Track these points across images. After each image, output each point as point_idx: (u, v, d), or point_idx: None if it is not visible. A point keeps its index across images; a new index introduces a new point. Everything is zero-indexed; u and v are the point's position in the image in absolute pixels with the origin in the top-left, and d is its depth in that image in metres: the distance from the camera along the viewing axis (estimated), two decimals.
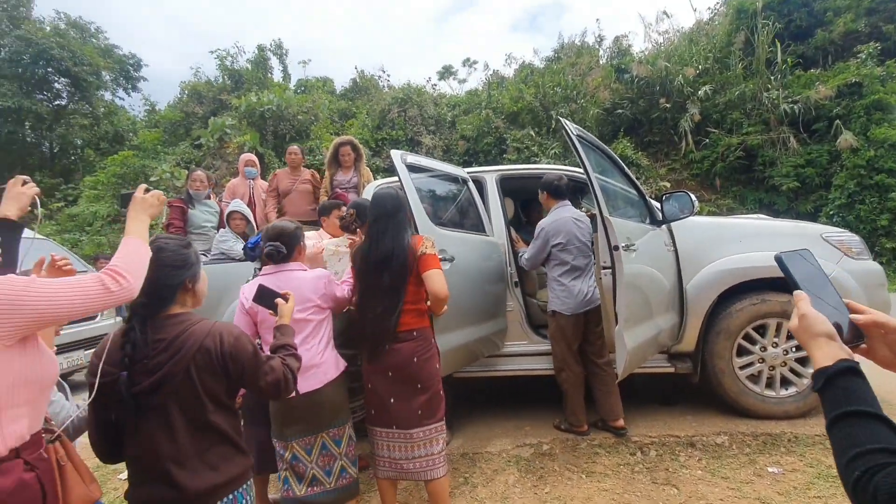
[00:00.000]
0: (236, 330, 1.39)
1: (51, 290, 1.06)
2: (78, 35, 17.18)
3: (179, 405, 1.29)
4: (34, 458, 1.07)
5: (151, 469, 1.30)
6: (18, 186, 1.44)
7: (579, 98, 9.86)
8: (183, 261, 1.38)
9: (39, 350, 1.11)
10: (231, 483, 1.35)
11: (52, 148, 16.37)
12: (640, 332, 2.73)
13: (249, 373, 1.36)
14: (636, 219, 3.10)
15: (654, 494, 2.50)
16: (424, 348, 2.17)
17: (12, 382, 1.02)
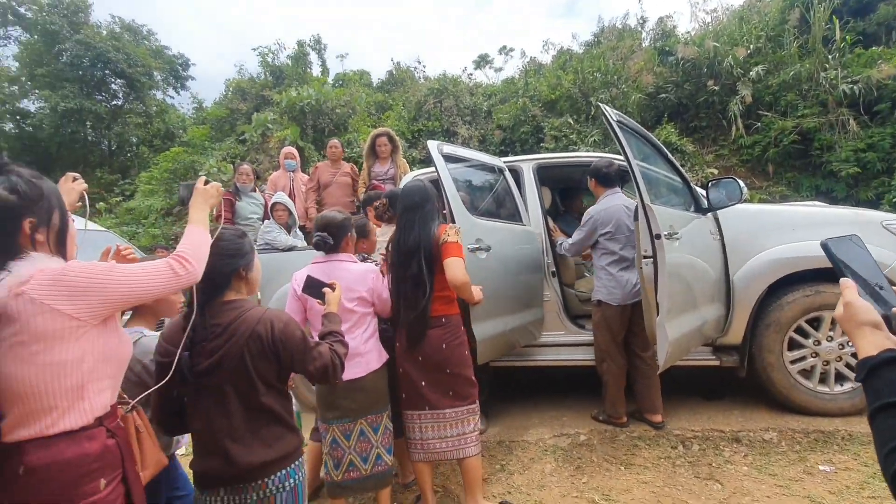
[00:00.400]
0: (285, 317, 1.46)
1: (129, 274, 1.16)
2: (131, 38, 18.09)
3: (234, 386, 1.38)
4: (114, 426, 1.19)
5: (209, 443, 1.40)
6: (69, 183, 1.56)
7: (620, 83, 9.53)
8: (237, 250, 1.46)
9: (118, 331, 1.22)
10: (282, 459, 1.42)
11: (110, 146, 17.38)
12: (683, 323, 2.65)
13: (298, 358, 1.43)
14: (680, 207, 3.00)
15: (696, 489, 2.44)
16: (453, 335, 2.23)
17: (97, 358, 1.12)
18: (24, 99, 17.18)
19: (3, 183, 1.08)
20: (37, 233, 1.12)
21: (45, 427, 1.04)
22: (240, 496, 1.37)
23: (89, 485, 1.08)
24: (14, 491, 1.02)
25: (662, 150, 3.09)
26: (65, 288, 1.06)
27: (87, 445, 1.09)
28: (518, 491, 2.54)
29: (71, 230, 1.24)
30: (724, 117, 8.40)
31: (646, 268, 2.62)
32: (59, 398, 1.06)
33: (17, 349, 1.02)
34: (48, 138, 16.03)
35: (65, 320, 1.05)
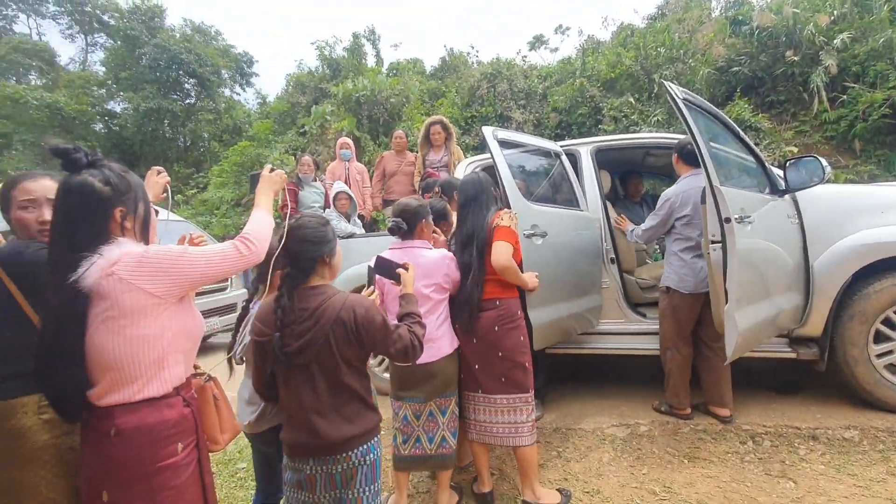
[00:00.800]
0: (367, 302, 1.54)
1: (200, 255, 1.27)
2: (201, 39, 19.26)
3: (320, 366, 1.48)
4: (189, 396, 1.32)
5: (298, 417, 1.51)
6: (154, 177, 1.72)
7: (687, 57, 8.93)
8: (322, 237, 1.56)
9: (192, 309, 1.34)
10: (364, 435, 1.52)
11: (185, 142, 18.71)
12: (754, 312, 2.50)
13: (380, 341, 1.51)
14: (753, 188, 2.81)
15: (766, 486, 2.32)
16: (507, 318, 2.23)
17: (175, 333, 1.24)
18: (111, 101, 18.82)
19: (98, 176, 1.21)
20: (125, 220, 1.24)
21: (132, 394, 1.17)
22: (326, 466, 1.48)
23: (168, 447, 1.20)
24: (107, 449, 1.15)
25: (734, 129, 2.89)
26: (147, 269, 1.17)
27: (166, 412, 1.21)
28: (575, 478, 2.53)
29: (153, 219, 1.37)
30: (804, 90, 7.67)
31: (713, 254, 2.48)
32: (143, 368, 1.18)
33: (109, 323, 1.15)
34: (132, 136, 17.51)
35: (148, 298, 1.17)
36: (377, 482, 1.56)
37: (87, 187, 1.18)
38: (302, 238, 1.51)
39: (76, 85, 18.22)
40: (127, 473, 1.16)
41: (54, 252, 1.19)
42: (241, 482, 2.71)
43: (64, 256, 1.15)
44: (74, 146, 1.23)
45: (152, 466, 1.17)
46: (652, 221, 2.99)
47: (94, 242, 1.17)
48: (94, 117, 17.82)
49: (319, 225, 1.58)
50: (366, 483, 1.52)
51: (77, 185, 1.18)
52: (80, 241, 1.17)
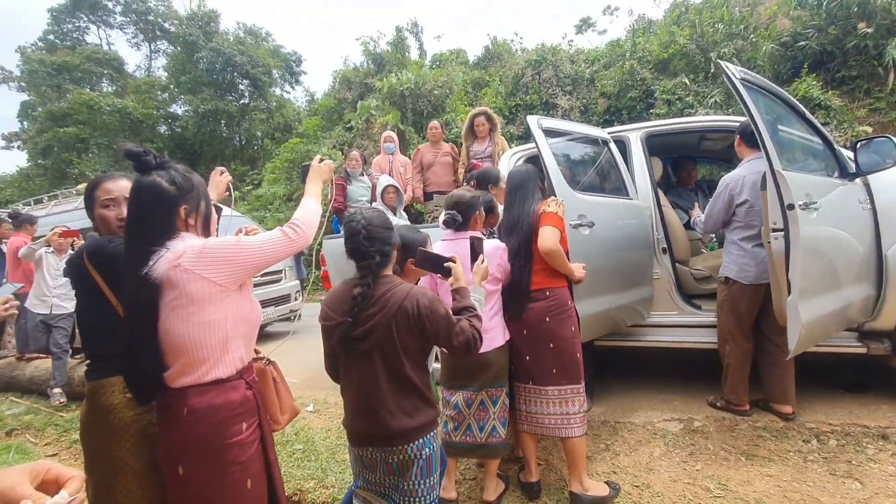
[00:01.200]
0: (430, 294, 1.55)
1: (254, 243, 1.36)
2: (253, 40, 20.06)
3: (381, 355, 1.52)
4: (250, 379, 1.41)
5: (359, 405, 1.56)
6: (217, 176, 1.83)
7: (748, 33, 8.37)
8: (390, 224, 1.62)
9: (251, 297, 1.44)
10: (420, 429, 1.54)
11: (240, 140, 19.66)
12: (820, 304, 2.35)
13: (443, 333, 1.51)
14: (820, 172, 2.63)
15: (830, 486, 2.20)
16: (558, 308, 2.21)
17: (236, 319, 1.33)
18: (173, 104, 20.03)
19: (165, 177, 1.31)
20: (189, 217, 1.34)
21: (201, 375, 1.27)
22: (385, 455, 1.53)
23: (234, 426, 1.30)
24: (181, 427, 1.26)
25: (799, 109, 2.71)
26: (208, 259, 1.26)
27: (231, 394, 1.31)
28: (624, 472, 2.49)
29: (213, 215, 1.47)
30: (879, 64, 7.01)
31: (775, 242, 2.35)
32: (209, 351, 1.28)
33: (178, 311, 1.25)
34: (192, 137, 18.60)
35: (211, 286, 1.26)
36: (433, 476, 1.57)
37: (157, 187, 1.29)
38: (380, 224, 1.56)
39: (142, 90, 19.54)
40: (199, 449, 1.26)
41: (129, 246, 1.30)
42: (297, 462, 2.86)
43: (137, 250, 1.26)
44: (145, 150, 1.33)
45: (221, 443, 1.27)
46: (712, 208, 2.86)
47: (163, 237, 1.27)
48: (158, 120, 19.06)
49: (382, 214, 1.63)
50: (421, 476, 1.54)
51: (148, 185, 1.29)
52: (152, 236, 1.27)
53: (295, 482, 2.59)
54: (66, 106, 17.44)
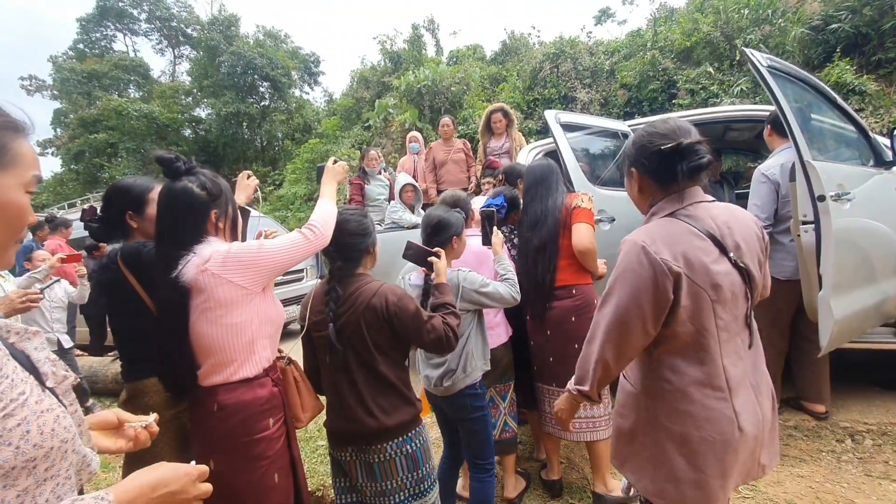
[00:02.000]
0: (399, 291, 1.54)
1: (274, 246, 1.39)
2: (272, 43, 20.36)
3: (355, 353, 1.52)
4: (275, 377, 1.45)
5: (337, 405, 1.56)
6: (245, 180, 1.86)
7: (775, 18, 8.08)
8: (367, 228, 1.61)
9: (274, 299, 1.46)
10: (399, 428, 1.52)
11: (261, 142, 19.99)
12: (855, 299, 2.26)
13: (413, 330, 1.49)
14: (854, 161, 2.52)
15: (865, 488, 2.11)
16: (584, 307, 2.15)
17: (261, 320, 1.37)
18: (197, 108, 20.49)
19: (195, 182, 1.35)
20: (219, 221, 1.38)
21: (229, 374, 1.31)
22: (364, 456, 1.52)
23: (262, 422, 1.34)
24: (212, 423, 1.31)
25: (830, 96, 2.59)
26: (233, 263, 1.30)
27: (259, 391, 1.35)
28: None
29: (240, 220, 1.51)
30: None
31: (805, 235, 2.26)
32: (237, 352, 1.32)
33: (207, 313, 1.29)
34: (216, 139, 19.00)
35: (237, 289, 1.30)
36: (422, 468, 1.56)
37: (189, 192, 1.33)
38: (350, 231, 1.56)
39: (167, 95, 20.05)
40: (229, 444, 1.30)
41: (161, 250, 1.35)
42: (321, 458, 2.91)
43: (170, 254, 1.30)
44: (175, 155, 1.37)
45: (250, 438, 1.31)
46: (758, 200, 2.59)
47: (194, 241, 1.31)
48: (183, 124, 19.53)
49: (361, 217, 1.62)
50: (408, 471, 1.53)
51: (180, 190, 1.33)
52: (184, 240, 1.31)
53: (318, 478, 2.63)
54: (96, 112, 18.04)
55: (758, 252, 1.21)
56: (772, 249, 2.63)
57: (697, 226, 1.15)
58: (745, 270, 1.15)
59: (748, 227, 1.21)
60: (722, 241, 1.14)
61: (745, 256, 1.16)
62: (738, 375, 1.17)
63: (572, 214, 2.14)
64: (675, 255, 1.11)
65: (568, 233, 2.14)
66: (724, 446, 1.13)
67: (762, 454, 1.22)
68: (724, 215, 1.19)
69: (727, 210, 1.22)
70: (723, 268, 1.12)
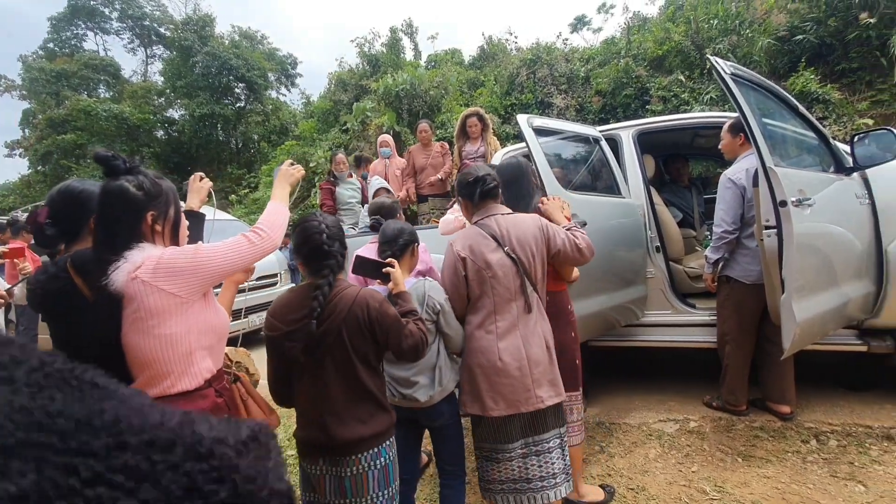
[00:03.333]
0: (379, 296, 1.52)
1: (213, 250, 1.31)
2: (248, 44, 20.04)
3: (333, 361, 1.47)
4: (221, 387, 1.37)
5: (310, 414, 1.50)
6: (197, 182, 1.77)
7: (743, 28, 8.32)
8: (344, 234, 1.59)
9: (216, 306, 1.39)
10: (375, 437, 1.49)
11: (237, 144, 19.63)
12: (817, 302, 2.30)
13: (393, 336, 1.48)
14: (814, 167, 2.59)
15: (831, 489, 2.15)
16: (560, 314, 2.14)
17: (200, 330, 1.29)
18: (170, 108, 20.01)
19: (133, 181, 1.27)
20: (156, 224, 1.30)
21: (166, 388, 1.23)
22: (337, 468, 1.46)
23: None
24: None
25: (792, 103, 2.66)
26: (164, 271, 1.22)
27: (200, 403, 1.27)
28: (619, 474, 2.45)
29: (183, 223, 1.42)
30: (882, 55, 6.95)
31: (767, 240, 2.30)
32: (173, 364, 1.24)
33: (138, 324, 1.21)
34: (189, 141, 18.57)
35: (170, 298, 1.22)
36: (392, 486, 1.52)
37: (124, 192, 1.25)
38: (339, 228, 1.56)
39: (139, 95, 19.51)
40: None
41: (97, 254, 1.27)
42: (291, 468, 2.82)
43: (103, 258, 1.23)
44: (114, 154, 1.29)
45: None
46: (724, 205, 2.67)
47: (127, 245, 1.23)
48: (155, 125, 19.03)
49: (338, 223, 1.60)
50: (379, 488, 1.48)
51: (115, 189, 1.26)
52: (118, 244, 1.23)
53: None
54: (64, 112, 17.42)
55: (531, 246, 1.82)
56: (738, 253, 2.69)
57: (485, 230, 1.85)
58: (517, 258, 1.80)
59: (525, 230, 1.84)
60: (500, 239, 1.81)
61: (517, 250, 1.80)
62: (506, 326, 1.79)
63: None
64: (464, 247, 1.85)
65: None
66: (490, 370, 1.77)
67: (538, 389, 1.77)
68: (507, 222, 1.86)
69: (512, 219, 1.88)
70: (497, 256, 1.80)
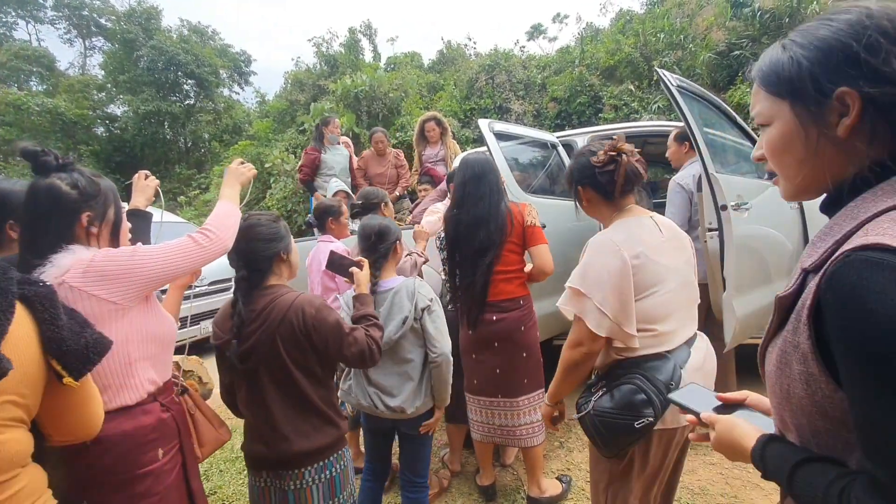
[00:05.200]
0: (318, 302, 1.43)
1: (153, 253, 1.21)
2: (198, 39, 19.24)
3: (269, 372, 1.40)
4: (168, 401, 1.28)
5: (252, 426, 1.46)
6: (143, 180, 1.66)
7: (687, 43, 8.85)
8: (275, 234, 1.47)
9: (160, 313, 1.29)
10: (320, 451, 1.42)
11: (186, 143, 18.75)
12: (754, 299, 2.49)
13: (333, 343, 1.40)
14: (751, 174, 2.79)
15: None
16: (529, 316, 2.19)
17: (141, 338, 1.20)
18: (111, 104, 18.86)
19: (66, 179, 1.16)
20: (92, 226, 1.19)
21: (104, 403, 1.11)
22: (280, 482, 1.41)
23: (148, 454, 1.17)
24: (85, 458, 1.11)
25: (731, 115, 2.87)
26: (95, 275, 1.12)
27: (142, 419, 1.18)
28: (577, 468, 2.54)
29: (124, 225, 1.31)
30: None
31: (710, 241, 2.47)
32: (110, 377, 1.14)
33: None
34: (133, 139, 17.56)
35: (103, 305, 1.12)
36: (339, 496, 1.47)
37: (54, 190, 1.14)
38: (255, 237, 1.43)
39: (76, 89, 18.27)
40: (106, 482, 1.13)
41: (22, 258, 1.15)
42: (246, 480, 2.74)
43: (30, 262, 1.11)
44: (43, 149, 1.18)
45: (132, 473, 1.14)
46: (673, 208, 2.80)
47: (55, 247, 1.12)
48: (94, 121, 17.87)
49: (270, 221, 1.50)
50: (324, 500, 1.43)
51: (44, 188, 1.14)
52: (44, 247, 1.12)
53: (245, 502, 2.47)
54: None
55: None
56: None
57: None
58: None
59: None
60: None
61: None
62: None
63: (528, 232, 2.13)
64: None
65: (515, 245, 2.13)
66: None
67: None
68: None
69: None
70: None
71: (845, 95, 0.57)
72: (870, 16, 0.57)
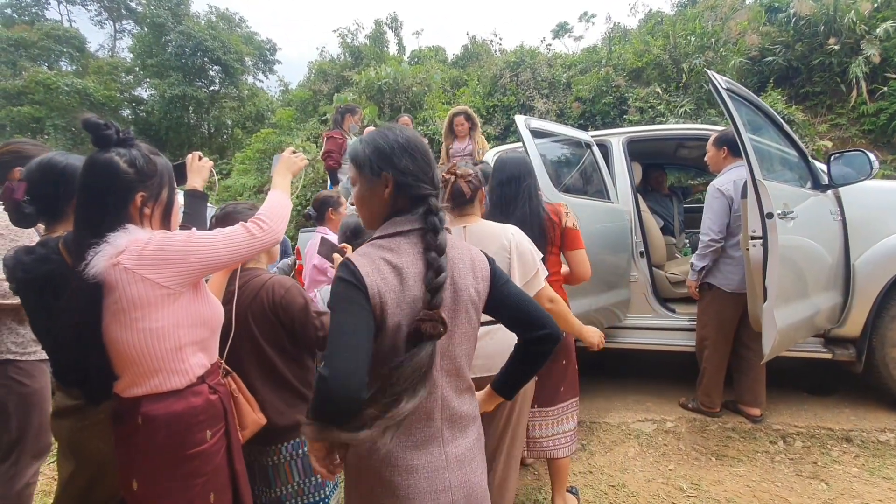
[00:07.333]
0: (288, 283, 1.50)
1: (207, 240, 1.20)
2: (226, 26, 19.39)
3: (245, 350, 1.45)
4: (215, 383, 1.28)
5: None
6: (197, 161, 1.66)
7: (718, 46, 8.66)
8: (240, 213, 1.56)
9: (208, 297, 1.28)
10: (294, 428, 1.46)
11: (209, 128, 18.96)
12: (793, 311, 2.43)
13: (300, 324, 1.45)
14: (795, 183, 2.72)
15: (797, 486, 2.28)
16: None
17: (191, 322, 1.19)
18: (138, 87, 19.12)
19: (125, 156, 1.14)
20: (146, 206, 1.18)
21: (155, 387, 1.14)
22: (261, 457, 1.46)
23: (197, 434, 1.17)
24: (135, 439, 1.13)
25: (777, 121, 2.79)
26: (150, 258, 1.10)
27: (192, 400, 1.18)
28: (600, 472, 2.52)
29: (176, 206, 1.31)
30: (842, 81, 7.37)
31: (753, 249, 2.41)
32: (161, 361, 1.14)
33: (119, 316, 1.09)
34: (158, 122, 17.80)
35: (156, 289, 1.10)
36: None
37: (113, 167, 1.12)
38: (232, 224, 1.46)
39: (105, 71, 18.56)
40: (156, 462, 1.13)
41: (76, 235, 1.14)
42: None
43: (85, 240, 1.10)
44: (106, 122, 1.16)
45: (182, 453, 1.15)
46: (711, 214, 2.74)
47: (111, 227, 1.11)
48: (121, 103, 18.15)
49: (247, 209, 1.56)
50: (304, 475, 1.47)
51: (103, 163, 1.13)
52: (99, 225, 1.10)
53: None
54: (21, 84, 16.37)
55: None
56: (721, 262, 2.80)
57: None
58: None
59: None
60: None
61: None
62: None
63: (566, 235, 2.06)
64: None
65: (554, 248, 2.06)
66: None
67: None
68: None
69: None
70: None
71: None
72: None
